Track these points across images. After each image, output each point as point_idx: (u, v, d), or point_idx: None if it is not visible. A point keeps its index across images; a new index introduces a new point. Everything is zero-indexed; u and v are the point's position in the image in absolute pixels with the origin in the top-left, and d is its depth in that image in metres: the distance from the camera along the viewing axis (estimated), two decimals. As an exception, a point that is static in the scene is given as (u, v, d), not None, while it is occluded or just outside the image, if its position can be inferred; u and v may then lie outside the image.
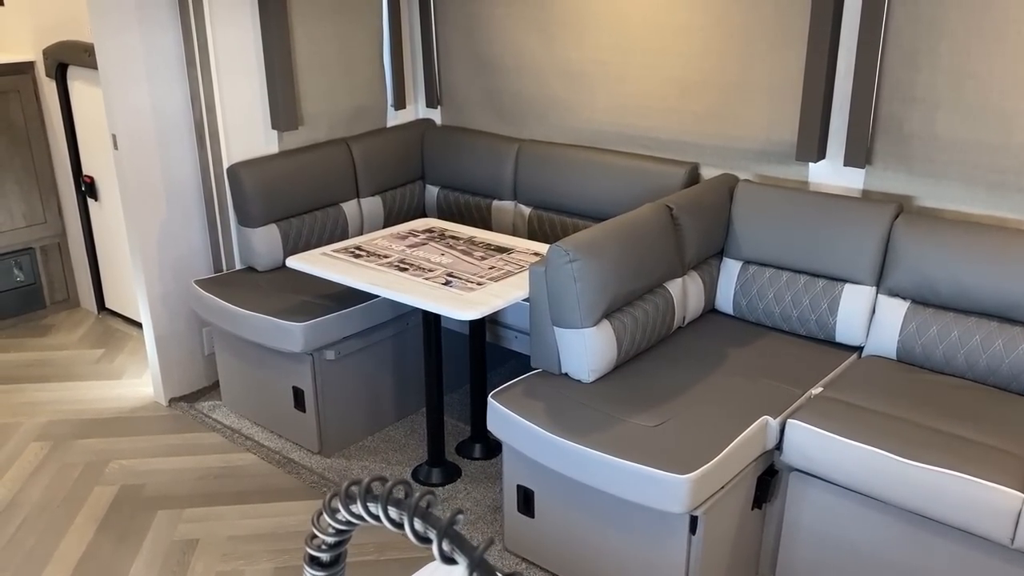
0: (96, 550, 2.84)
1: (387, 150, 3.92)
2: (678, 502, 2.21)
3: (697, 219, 2.98)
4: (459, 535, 0.56)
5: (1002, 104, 2.66)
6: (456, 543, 0.55)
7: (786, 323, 2.98)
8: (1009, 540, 2.11)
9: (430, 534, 0.56)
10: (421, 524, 0.56)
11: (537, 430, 2.46)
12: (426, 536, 0.57)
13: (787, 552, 2.57)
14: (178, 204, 3.55)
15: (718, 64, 3.22)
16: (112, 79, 3.29)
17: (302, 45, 3.62)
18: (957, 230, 2.67)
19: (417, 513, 0.56)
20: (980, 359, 2.60)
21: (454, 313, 2.63)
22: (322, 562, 0.64)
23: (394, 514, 0.57)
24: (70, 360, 4.16)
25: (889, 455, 2.26)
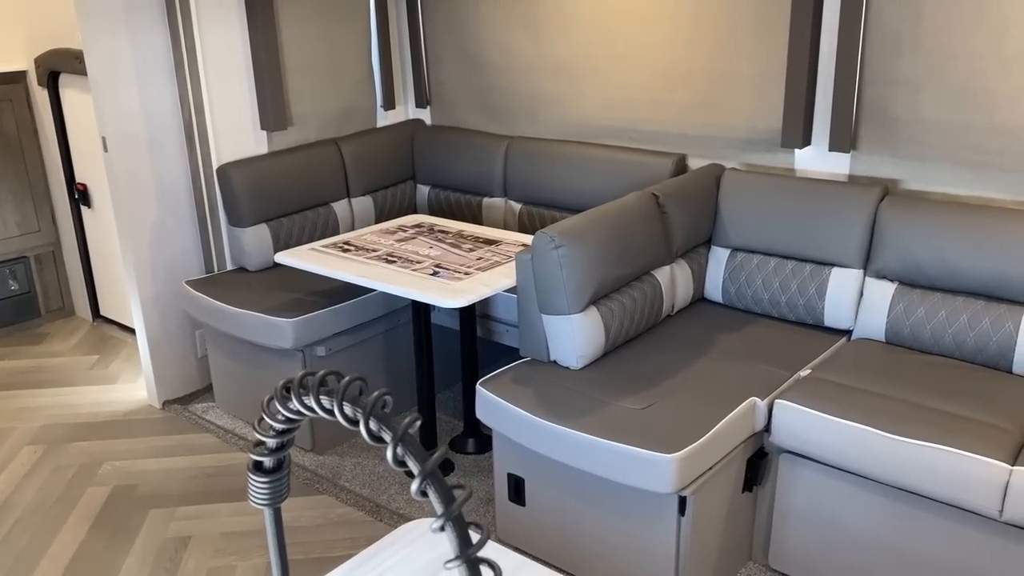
0: (88, 548, 2.84)
1: (377, 150, 3.94)
2: (666, 482, 2.21)
3: (683, 207, 2.99)
4: (414, 441, 0.57)
5: (984, 84, 2.67)
6: (409, 448, 0.56)
7: (775, 309, 2.98)
8: (998, 512, 2.11)
9: (384, 436, 0.57)
10: (376, 424, 0.57)
11: (525, 415, 2.46)
12: (380, 437, 0.57)
13: (779, 535, 2.56)
14: (169, 205, 3.57)
15: (702, 54, 3.24)
16: (101, 82, 3.31)
17: (290, 46, 3.64)
18: (942, 211, 2.67)
19: (374, 413, 0.57)
20: (968, 338, 2.60)
21: (441, 301, 2.64)
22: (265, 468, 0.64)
23: (349, 410, 0.57)
24: (65, 366, 4.17)
25: (877, 432, 2.25)
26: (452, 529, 0.51)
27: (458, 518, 0.52)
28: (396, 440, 0.53)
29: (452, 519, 0.51)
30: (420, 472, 0.51)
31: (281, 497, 0.68)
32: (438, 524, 0.52)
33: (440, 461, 0.53)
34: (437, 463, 0.52)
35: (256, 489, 0.67)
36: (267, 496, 0.67)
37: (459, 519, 0.52)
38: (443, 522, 0.51)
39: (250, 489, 0.69)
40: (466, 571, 0.52)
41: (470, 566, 0.52)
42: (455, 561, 0.51)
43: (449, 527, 0.51)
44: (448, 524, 0.51)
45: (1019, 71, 2.60)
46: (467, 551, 0.51)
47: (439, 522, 0.52)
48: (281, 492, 0.67)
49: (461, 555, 0.51)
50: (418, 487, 0.52)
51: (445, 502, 0.52)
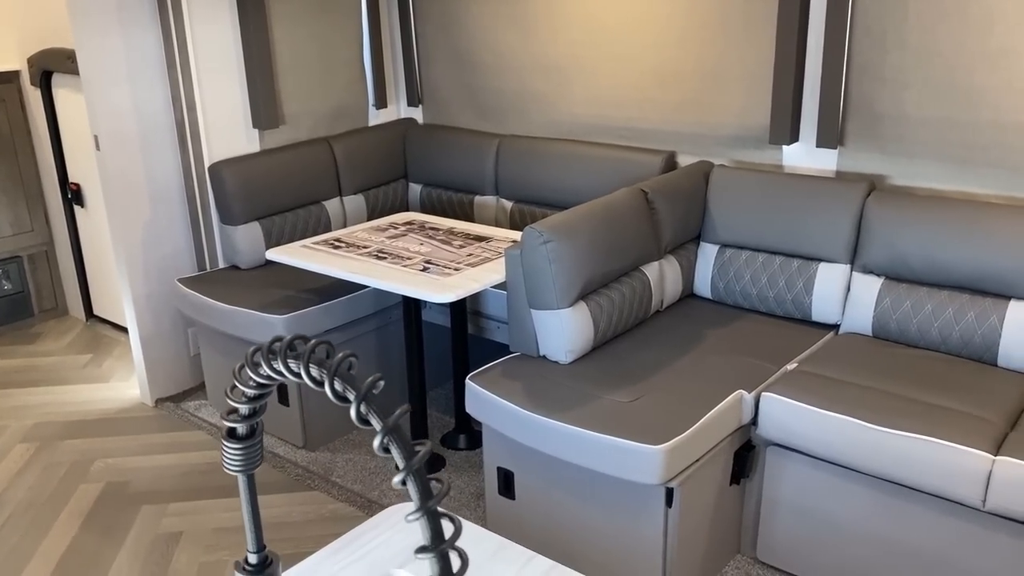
0: (80, 545, 2.85)
1: (369, 149, 3.95)
2: (653, 473, 2.23)
3: (672, 203, 3.01)
4: (376, 398, 0.58)
5: (969, 80, 2.70)
6: (372, 407, 0.57)
7: (763, 304, 3.00)
8: (981, 502, 2.13)
9: (349, 395, 0.58)
10: (341, 384, 0.58)
11: (514, 409, 2.47)
12: (345, 396, 0.59)
13: (767, 527, 2.58)
14: (161, 204, 3.58)
15: (691, 53, 3.26)
16: (93, 81, 3.32)
17: (282, 45, 3.66)
18: (928, 205, 2.69)
19: (338, 373, 0.58)
20: (953, 331, 2.62)
21: (430, 296, 2.65)
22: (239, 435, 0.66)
23: (315, 372, 0.59)
24: (58, 365, 4.18)
25: (862, 423, 2.27)
26: (413, 482, 0.53)
27: (419, 471, 0.53)
28: (360, 399, 0.54)
29: (413, 472, 0.52)
30: (382, 429, 0.53)
31: (254, 464, 0.69)
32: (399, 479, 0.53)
33: (404, 415, 0.54)
34: (399, 418, 0.54)
35: (230, 456, 0.69)
36: (241, 463, 0.68)
37: (420, 472, 0.53)
38: (404, 476, 0.53)
39: (224, 456, 0.71)
40: (426, 523, 0.53)
41: (430, 518, 0.53)
42: (416, 513, 0.52)
43: (410, 480, 0.53)
44: (409, 477, 0.53)
45: (1004, 67, 2.62)
46: (427, 503, 0.52)
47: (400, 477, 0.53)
48: (254, 459, 0.69)
49: (421, 507, 0.53)
50: (380, 443, 0.54)
51: (406, 456, 0.53)
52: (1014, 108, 2.63)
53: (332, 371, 0.56)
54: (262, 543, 0.73)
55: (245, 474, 0.69)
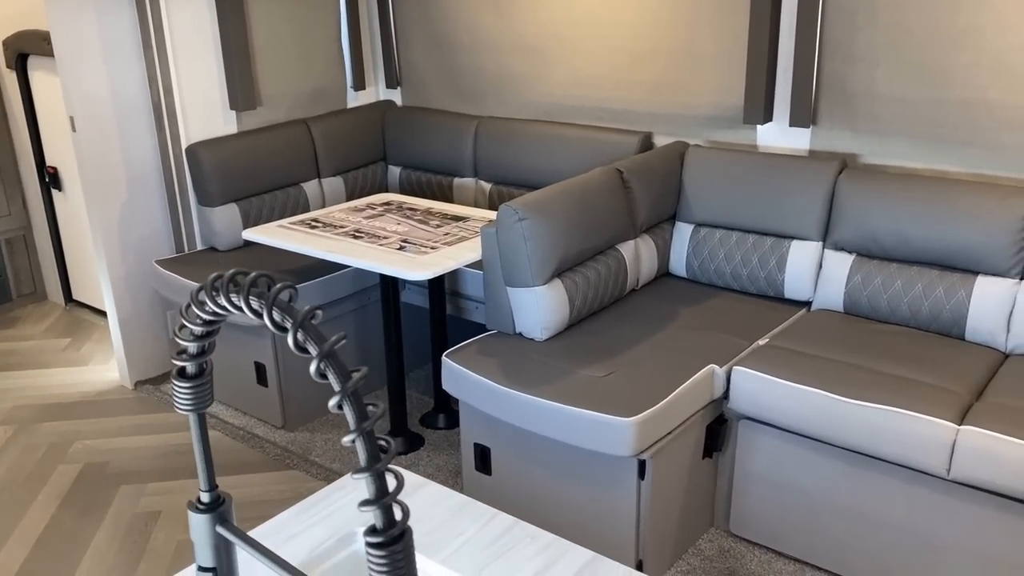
0: (58, 524, 2.85)
1: (347, 131, 3.96)
2: (624, 445, 2.25)
3: (647, 182, 3.04)
4: (314, 327, 0.60)
5: (938, 58, 2.73)
6: (310, 333, 0.59)
7: (737, 282, 3.03)
8: (945, 471, 2.17)
9: (287, 323, 0.60)
10: (279, 313, 0.60)
11: (489, 384, 2.49)
12: (283, 326, 0.61)
13: (739, 500, 2.61)
14: (138, 185, 3.57)
15: (666, 33, 3.28)
16: (68, 62, 3.31)
17: (258, 26, 3.65)
18: (898, 183, 2.73)
19: (276, 303, 0.60)
20: (922, 307, 2.66)
21: (406, 274, 2.67)
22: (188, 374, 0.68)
23: (256, 304, 0.60)
24: (36, 349, 4.17)
25: (830, 395, 2.31)
26: (349, 405, 0.55)
27: (355, 394, 0.55)
28: (296, 326, 0.56)
29: (349, 395, 0.54)
30: (318, 354, 0.55)
31: (205, 403, 0.71)
32: (334, 402, 0.55)
33: (339, 342, 0.56)
34: (335, 344, 0.56)
35: (181, 395, 0.70)
36: (191, 401, 0.70)
37: (356, 396, 0.55)
38: (339, 399, 0.55)
39: (175, 397, 0.72)
40: (362, 444, 0.55)
41: (366, 439, 0.55)
42: (338, 398, 0.54)
43: (346, 403, 0.55)
44: (345, 400, 0.55)
45: (971, 46, 2.66)
46: (362, 424, 0.54)
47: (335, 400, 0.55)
48: (205, 398, 0.71)
49: (357, 429, 0.55)
50: (316, 368, 0.55)
51: (342, 380, 0.55)
52: (982, 86, 2.67)
53: (271, 301, 0.57)
54: (214, 482, 0.75)
55: (196, 413, 0.70)
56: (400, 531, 0.56)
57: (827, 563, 2.49)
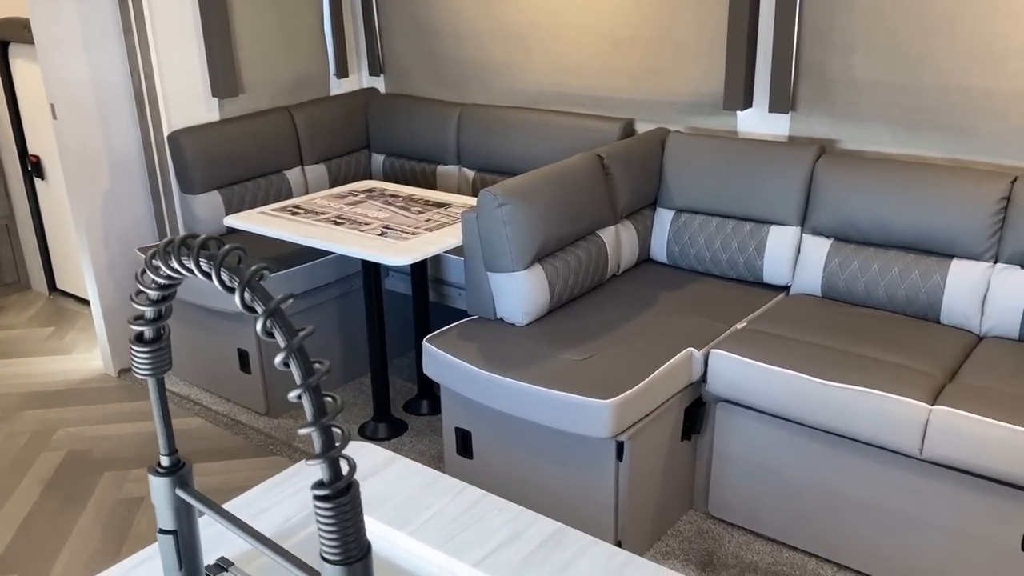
0: (41, 510, 2.86)
1: (330, 118, 3.96)
2: (603, 427, 2.28)
3: (628, 168, 3.05)
4: (261, 287, 0.62)
5: (913, 45, 2.75)
6: (257, 293, 0.61)
7: (716, 267, 3.06)
8: (918, 451, 2.20)
9: (234, 284, 0.61)
10: (227, 274, 0.61)
11: (469, 368, 2.51)
12: (231, 286, 0.62)
13: (718, 482, 2.64)
14: (121, 173, 3.57)
15: (647, 20, 3.29)
16: (48, 48, 3.30)
17: (240, 12, 3.65)
18: (875, 168, 2.75)
19: (225, 265, 0.62)
20: (899, 290, 2.68)
21: (387, 259, 2.68)
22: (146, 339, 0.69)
23: (205, 266, 0.62)
24: (20, 338, 4.16)
25: (805, 377, 2.33)
26: (295, 361, 0.56)
27: (301, 351, 0.57)
28: (243, 285, 0.57)
29: (294, 352, 0.56)
30: (264, 312, 0.56)
31: (163, 368, 0.72)
32: (280, 359, 0.57)
33: (286, 300, 0.58)
34: (281, 302, 0.57)
35: (139, 360, 0.72)
36: (149, 366, 0.71)
37: (302, 352, 0.57)
38: (285, 356, 0.56)
39: (133, 361, 0.73)
40: (309, 400, 0.56)
41: (312, 395, 0.57)
42: (283, 354, 0.55)
43: (292, 360, 0.56)
44: (291, 356, 0.56)
45: (944, 31, 2.68)
46: (308, 380, 0.56)
47: (281, 357, 0.57)
48: (163, 362, 0.72)
49: (303, 384, 0.56)
50: (263, 326, 0.57)
51: (288, 336, 0.57)
52: (957, 71, 2.69)
53: (219, 263, 0.59)
54: (173, 447, 0.76)
55: (154, 377, 0.72)
56: (346, 484, 0.58)
57: (803, 543, 2.52)
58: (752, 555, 2.54)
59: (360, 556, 0.59)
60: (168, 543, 0.74)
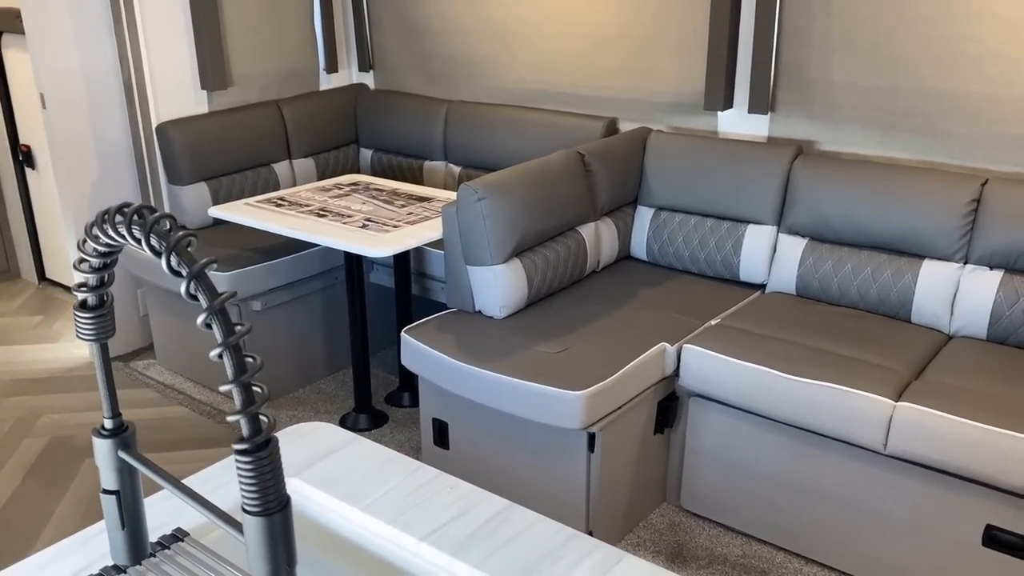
0: (22, 495, 2.89)
1: (319, 113, 3.99)
2: (574, 418, 2.31)
3: (609, 166, 3.09)
4: (187, 252, 0.65)
5: (890, 47, 2.79)
6: (182, 257, 0.64)
7: (694, 265, 3.10)
8: (882, 446, 2.24)
9: (162, 248, 0.65)
10: (157, 240, 0.65)
11: (446, 359, 2.55)
12: (159, 250, 0.65)
13: (690, 476, 2.68)
14: (109, 163, 3.60)
15: (630, 20, 3.33)
16: (39, 37, 3.33)
17: (231, 5, 3.68)
18: (849, 169, 2.79)
19: (154, 231, 0.65)
20: (871, 289, 2.72)
21: (367, 251, 2.71)
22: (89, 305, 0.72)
23: (137, 232, 0.65)
24: (8, 327, 4.19)
25: (774, 372, 2.37)
26: (216, 322, 0.60)
27: (223, 312, 0.60)
28: (170, 250, 0.61)
29: (216, 313, 0.59)
30: (188, 274, 0.60)
31: (106, 333, 0.76)
32: (202, 319, 0.60)
33: (209, 264, 0.61)
34: (205, 266, 0.61)
35: (83, 326, 0.75)
36: (93, 331, 0.75)
37: (223, 313, 0.60)
38: (207, 316, 0.60)
39: (77, 327, 0.77)
40: (229, 358, 0.60)
41: (232, 353, 0.60)
42: (205, 315, 0.59)
43: (213, 321, 0.60)
44: (213, 317, 0.60)
45: (921, 34, 2.72)
46: (228, 339, 0.59)
47: (202, 318, 0.60)
48: (106, 328, 0.75)
49: (223, 343, 0.60)
50: (186, 289, 0.60)
51: (211, 298, 0.60)
52: (932, 75, 2.73)
53: (148, 228, 0.62)
54: (117, 410, 0.80)
55: (98, 343, 0.75)
56: (264, 439, 0.61)
57: (772, 536, 2.56)
58: (721, 548, 2.58)
59: (279, 508, 0.63)
60: (111, 503, 0.77)
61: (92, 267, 0.71)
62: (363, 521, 1.18)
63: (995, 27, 2.60)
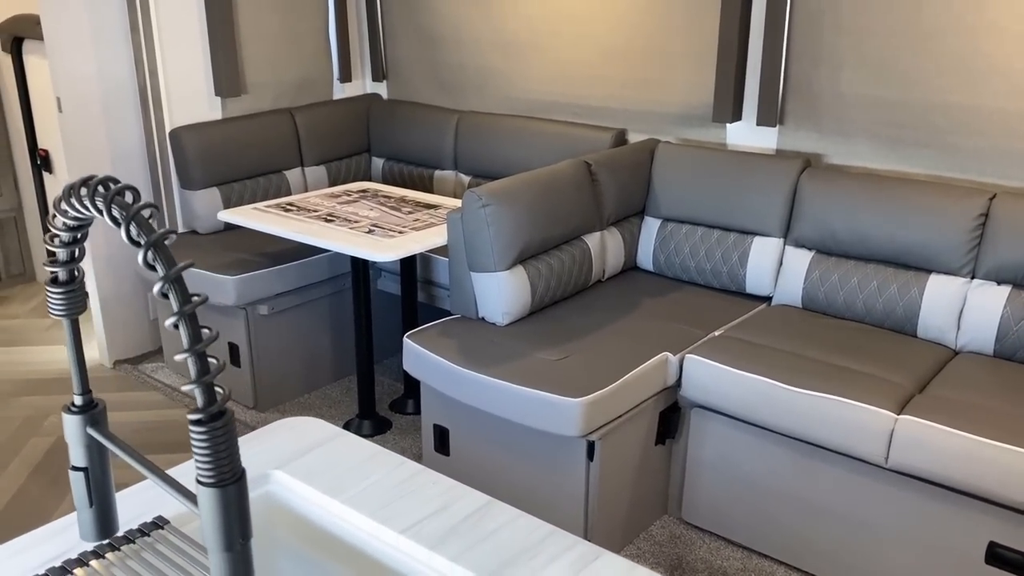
0: (26, 493, 2.91)
1: (332, 121, 4.02)
2: (572, 426, 2.30)
3: (615, 176, 3.09)
4: (147, 222, 0.66)
5: (899, 61, 2.78)
6: (141, 226, 0.65)
7: (701, 276, 3.08)
8: (884, 459, 2.21)
9: (118, 215, 0.66)
10: (118, 211, 0.66)
11: (446, 364, 2.55)
12: (119, 220, 0.66)
13: (691, 488, 2.66)
14: (123, 167, 3.64)
15: (640, 32, 3.34)
16: (57, 43, 3.39)
17: (246, 14, 3.73)
18: (856, 182, 2.78)
19: (115, 202, 0.66)
20: (877, 303, 2.70)
21: (370, 255, 2.73)
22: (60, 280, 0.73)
23: (100, 203, 0.66)
24: (21, 327, 4.24)
25: (774, 383, 2.35)
26: (172, 291, 0.60)
27: (179, 281, 0.61)
28: (128, 219, 0.62)
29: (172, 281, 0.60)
30: (146, 243, 0.60)
31: (77, 309, 0.76)
32: (157, 288, 0.61)
33: (165, 237, 0.62)
34: (163, 238, 0.61)
35: (54, 301, 0.76)
36: (64, 307, 0.75)
37: (179, 282, 0.61)
38: (163, 285, 0.60)
39: (48, 303, 0.78)
40: (184, 327, 0.60)
41: (188, 323, 0.61)
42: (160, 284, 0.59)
43: (171, 289, 0.60)
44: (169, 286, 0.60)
45: (932, 48, 2.71)
46: (184, 308, 0.60)
47: (158, 287, 0.61)
48: (76, 303, 0.76)
49: (179, 312, 0.60)
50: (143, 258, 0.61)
51: (167, 267, 0.61)
52: (941, 88, 2.72)
53: (109, 200, 0.63)
54: (87, 387, 0.80)
55: (69, 318, 0.76)
56: (219, 410, 0.62)
57: (773, 550, 2.53)
58: (721, 561, 2.55)
59: (233, 479, 0.63)
60: (79, 480, 0.78)
61: (62, 241, 0.71)
62: (343, 513, 1.18)
63: (1005, 41, 2.58)
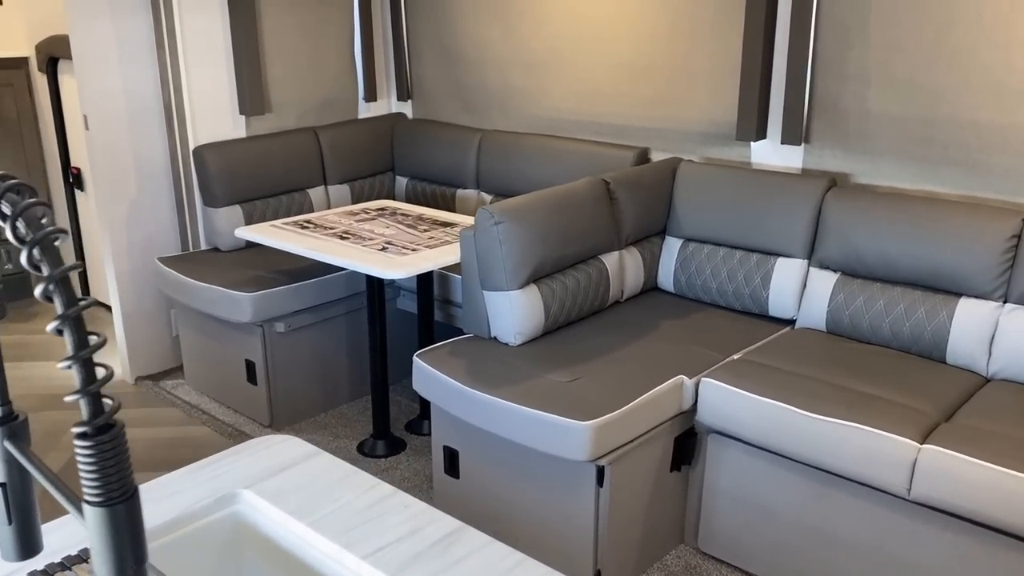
0: (40, 508, 2.91)
1: (356, 140, 4.02)
2: (581, 450, 2.23)
3: (635, 194, 3.03)
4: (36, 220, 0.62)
5: (928, 78, 2.69)
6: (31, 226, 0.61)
7: (722, 298, 3.00)
8: (906, 491, 2.10)
9: (5, 209, 0.62)
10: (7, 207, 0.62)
11: (455, 384, 2.50)
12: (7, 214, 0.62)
13: (708, 516, 2.56)
14: (148, 184, 3.68)
15: (663, 49, 3.29)
16: (85, 61, 3.44)
17: (271, 34, 3.75)
18: (883, 202, 2.68)
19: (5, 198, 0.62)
20: (904, 327, 2.59)
21: (380, 272, 2.69)
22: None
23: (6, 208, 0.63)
24: (47, 343, 4.28)
25: (793, 409, 2.26)
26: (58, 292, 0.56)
27: (65, 282, 0.57)
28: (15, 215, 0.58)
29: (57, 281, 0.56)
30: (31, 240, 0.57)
31: (-5, 315, 0.73)
32: (40, 291, 0.57)
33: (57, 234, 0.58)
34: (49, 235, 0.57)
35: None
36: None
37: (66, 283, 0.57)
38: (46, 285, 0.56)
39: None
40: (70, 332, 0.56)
41: (73, 327, 0.56)
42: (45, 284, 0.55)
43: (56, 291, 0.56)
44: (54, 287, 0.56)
45: (962, 65, 2.61)
46: (69, 311, 0.56)
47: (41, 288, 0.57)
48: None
49: (63, 315, 0.56)
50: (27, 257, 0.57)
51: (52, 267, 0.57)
52: (971, 106, 2.62)
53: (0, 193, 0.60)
54: (7, 398, 0.77)
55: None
56: (106, 423, 0.57)
57: (791, 585, 2.42)
58: (737, 594, 2.45)
59: (122, 498, 0.58)
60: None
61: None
62: (308, 536, 1.13)
63: (1039, 56, 2.48)
